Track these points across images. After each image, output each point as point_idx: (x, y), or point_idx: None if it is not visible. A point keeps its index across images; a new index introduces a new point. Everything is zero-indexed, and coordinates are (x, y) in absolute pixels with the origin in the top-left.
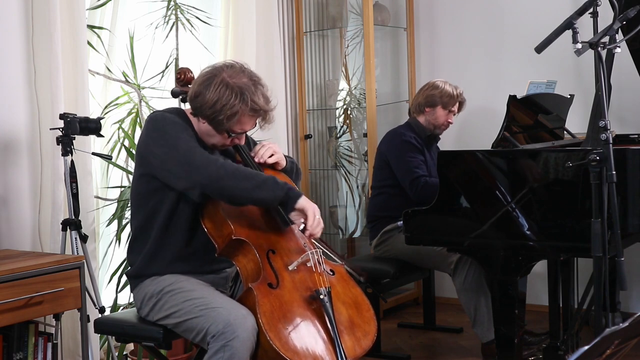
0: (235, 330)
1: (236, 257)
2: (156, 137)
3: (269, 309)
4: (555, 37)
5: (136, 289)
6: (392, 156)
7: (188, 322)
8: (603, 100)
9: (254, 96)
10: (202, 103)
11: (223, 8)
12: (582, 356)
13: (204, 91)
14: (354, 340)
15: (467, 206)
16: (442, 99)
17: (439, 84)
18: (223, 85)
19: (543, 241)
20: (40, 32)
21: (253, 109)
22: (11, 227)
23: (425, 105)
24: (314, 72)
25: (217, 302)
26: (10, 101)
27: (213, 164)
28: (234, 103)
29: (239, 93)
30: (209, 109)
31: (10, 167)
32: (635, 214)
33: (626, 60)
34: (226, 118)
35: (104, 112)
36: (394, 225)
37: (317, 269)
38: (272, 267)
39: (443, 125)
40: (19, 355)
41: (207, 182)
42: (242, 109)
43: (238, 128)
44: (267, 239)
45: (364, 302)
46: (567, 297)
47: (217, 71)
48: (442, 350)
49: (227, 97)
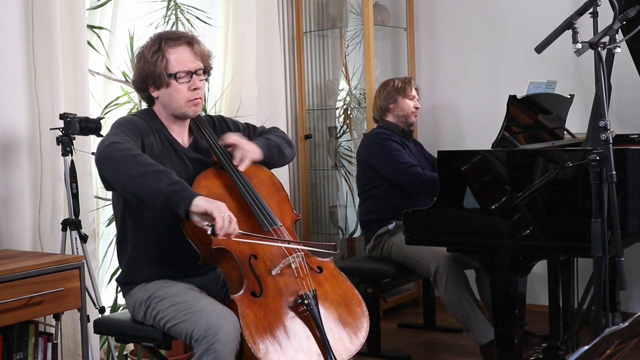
0: (217, 333)
1: (220, 264)
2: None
3: (253, 320)
4: (555, 37)
5: (127, 295)
6: (375, 157)
7: (175, 327)
8: (603, 100)
9: (170, 33)
10: (136, 75)
11: (223, 8)
12: (582, 356)
13: (136, 65)
14: (346, 338)
15: (467, 206)
16: (397, 89)
17: (387, 81)
18: (142, 47)
19: (543, 241)
20: (40, 32)
21: (171, 38)
22: (11, 227)
23: (387, 103)
24: (314, 72)
25: (199, 305)
26: (10, 101)
27: (113, 145)
28: (150, 45)
29: (154, 38)
30: (141, 71)
31: (10, 167)
32: (635, 214)
33: (626, 60)
34: (154, 62)
35: (104, 112)
36: (385, 229)
37: (301, 271)
38: (255, 274)
39: (413, 113)
40: (19, 355)
41: (101, 163)
42: (161, 44)
43: (176, 67)
44: (248, 244)
45: (354, 297)
46: (567, 297)
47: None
48: (442, 350)
49: (144, 48)
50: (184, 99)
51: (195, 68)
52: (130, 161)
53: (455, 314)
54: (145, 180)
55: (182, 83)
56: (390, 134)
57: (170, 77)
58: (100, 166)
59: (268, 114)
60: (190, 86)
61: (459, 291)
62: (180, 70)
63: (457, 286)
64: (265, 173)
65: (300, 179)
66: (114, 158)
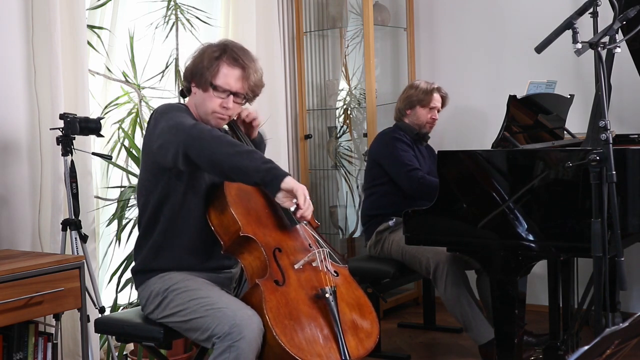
0: (241, 331)
1: (242, 255)
2: (160, 119)
3: (275, 305)
4: (555, 37)
5: (142, 286)
6: (383, 154)
7: (193, 322)
8: (603, 100)
9: (237, 50)
10: (190, 65)
11: (223, 8)
12: (582, 356)
13: (193, 59)
14: (357, 341)
15: (467, 206)
16: (418, 98)
17: (415, 83)
18: (208, 46)
19: (543, 241)
20: (40, 32)
21: (233, 57)
22: (11, 227)
23: (405, 108)
24: (314, 72)
25: (223, 302)
26: (10, 101)
27: (198, 126)
28: (214, 49)
29: (221, 44)
30: (194, 65)
31: (10, 167)
32: (635, 214)
33: (626, 60)
34: (207, 66)
35: (104, 112)
36: (385, 226)
37: (322, 268)
38: (279, 265)
39: (427, 123)
40: (19, 355)
41: (189, 141)
42: (222, 55)
43: (221, 81)
44: (273, 237)
45: (367, 304)
46: (567, 297)
47: (206, 44)
48: (442, 350)
49: (209, 48)
50: (211, 109)
51: (236, 90)
52: (223, 141)
53: (454, 313)
54: (241, 158)
55: (217, 96)
56: (403, 135)
57: (211, 85)
58: (190, 145)
59: (268, 114)
60: (223, 103)
61: (458, 290)
62: (222, 86)
63: (456, 285)
64: None
65: (300, 179)
66: (205, 138)
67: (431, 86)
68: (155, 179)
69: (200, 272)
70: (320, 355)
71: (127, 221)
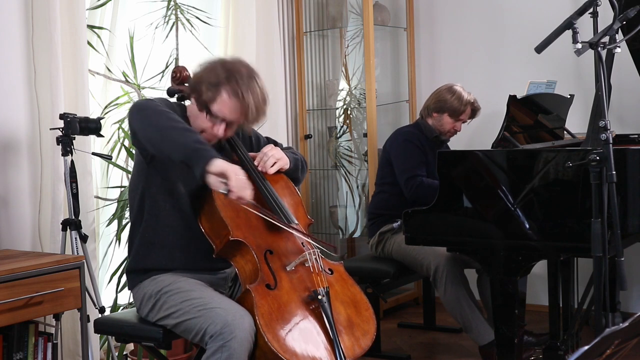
0: (233, 331)
1: (234, 258)
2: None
3: (267, 310)
4: (555, 37)
5: (135, 288)
6: (393, 154)
7: (186, 323)
8: (603, 100)
9: (241, 82)
10: (194, 79)
11: (223, 8)
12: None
13: (200, 70)
14: (354, 339)
15: (467, 206)
16: (450, 107)
17: (454, 88)
18: (219, 64)
19: (543, 241)
20: (40, 32)
21: (234, 90)
22: (11, 227)
23: (434, 110)
24: (314, 72)
25: (215, 302)
26: (10, 101)
27: (150, 103)
28: (218, 74)
29: (229, 71)
30: (197, 81)
31: (10, 167)
32: (635, 214)
33: (626, 60)
34: (207, 87)
35: (104, 112)
36: (389, 227)
37: (315, 269)
38: (270, 268)
39: (449, 132)
40: (19, 355)
41: (133, 112)
42: (224, 83)
43: (216, 108)
44: (264, 239)
45: (363, 300)
46: (567, 297)
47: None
48: (442, 350)
49: (216, 70)
50: (201, 128)
51: (230, 120)
52: (164, 115)
53: (454, 314)
54: (172, 133)
55: (209, 119)
56: (417, 135)
57: (206, 108)
58: (132, 115)
59: (268, 114)
60: (214, 127)
61: (457, 291)
62: (216, 113)
63: (456, 286)
64: (283, 178)
65: None
66: (149, 108)
67: (468, 99)
68: (139, 175)
69: (193, 272)
70: (314, 358)
71: (127, 221)
